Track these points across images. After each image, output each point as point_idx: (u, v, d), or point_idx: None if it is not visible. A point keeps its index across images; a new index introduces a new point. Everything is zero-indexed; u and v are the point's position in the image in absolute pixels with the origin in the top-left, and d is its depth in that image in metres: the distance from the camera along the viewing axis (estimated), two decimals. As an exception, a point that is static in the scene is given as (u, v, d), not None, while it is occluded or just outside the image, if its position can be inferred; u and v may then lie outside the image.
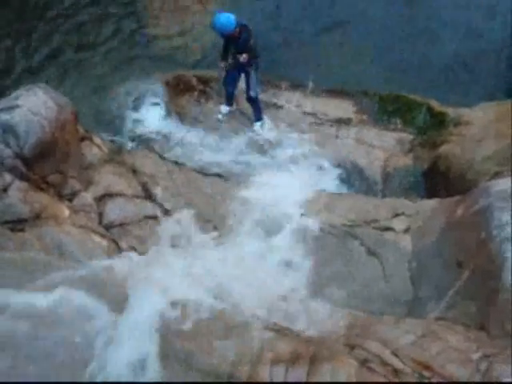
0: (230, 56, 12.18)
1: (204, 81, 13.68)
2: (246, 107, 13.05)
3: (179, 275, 8.53)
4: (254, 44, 12.05)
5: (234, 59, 12.10)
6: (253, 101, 12.73)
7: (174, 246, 9.59)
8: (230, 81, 12.72)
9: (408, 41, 15.56)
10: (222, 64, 12.32)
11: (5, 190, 9.01)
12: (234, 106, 13.17)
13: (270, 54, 14.35)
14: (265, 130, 12.92)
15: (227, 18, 11.74)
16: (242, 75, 12.54)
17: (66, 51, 15.18)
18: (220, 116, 13.10)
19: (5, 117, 9.40)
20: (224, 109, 13.11)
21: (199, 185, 10.84)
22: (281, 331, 7.91)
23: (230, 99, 13.05)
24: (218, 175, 11.28)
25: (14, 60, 14.81)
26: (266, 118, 13.00)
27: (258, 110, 12.91)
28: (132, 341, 7.36)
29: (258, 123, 12.91)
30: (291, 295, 8.84)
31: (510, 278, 7.27)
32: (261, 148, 12.35)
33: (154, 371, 7.16)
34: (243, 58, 11.97)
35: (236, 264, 9.18)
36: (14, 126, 9.29)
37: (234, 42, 11.98)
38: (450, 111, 12.76)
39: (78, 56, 15.06)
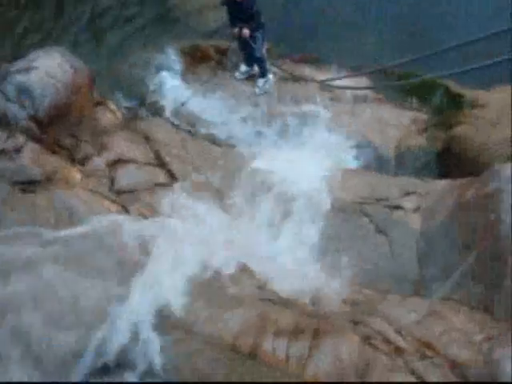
0: (237, 23, 12.15)
1: (221, 51, 13.61)
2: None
3: (185, 241, 8.59)
4: (256, 12, 12.00)
5: (240, 30, 12.08)
6: (258, 60, 12.75)
7: (181, 213, 9.59)
8: (244, 45, 12.69)
9: (430, 20, 15.37)
10: (235, 31, 12.26)
11: (18, 150, 9.05)
12: (255, 69, 13.09)
13: (283, 30, 14.29)
14: (265, 87, 12.95)
15: None
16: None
17: (83, 18, 15.13)
18: (238, 74, 13.08)
19: (21, 78, 9.43)
20: (243, 67, 13.09)
21: (212, 154, 10.82)
22: (285, 304, 7.96)
23: (248, 60, 13.02)
24: (231, 145, 11.27)
25: (34, 23, 14.80)
26: (271, 77, 13.00)
27: (262, 68, 12.94)
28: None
29: (262, 79, 12.94)
30: (298, 269, 8.88)
31: (517, 261, 7.30)
32: (274, 120, 12.29)
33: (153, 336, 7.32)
34: (244, 33, 11.97)
35: (244, 234, 9.21)
36: (29, 88, 9.32)
37: (237, 9, 11.91)
38: (467, 93, 12.67)
39: (96, 24, 15.02)
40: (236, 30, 12.18)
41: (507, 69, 11.84)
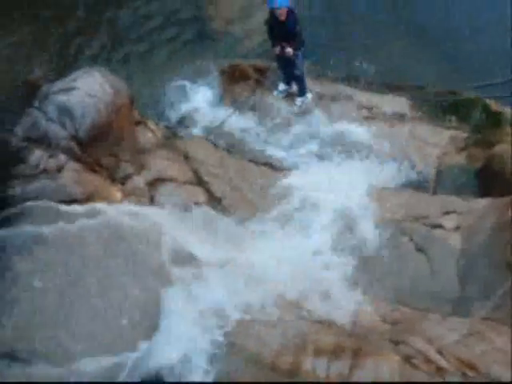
0: (278, 42, 12.19)
1: (260, 70, 13.65)
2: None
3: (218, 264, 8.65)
4: (299, 30, 12.04)
5: (282, 49, 12.12)
6: (298, 79, 12.79)
7: (220, 231, 9.61)
8: (284, 64, 12.73)
9: (467, 34, 15.33)
10: (277, 50, 12.30)
11: (59, 170, 9.14)
12: (293, 88, 13.12)
13: (322, 46, 14.38)
14: (304, 105, 12.96)
15: None
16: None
17: (125, 36, 15.31)
18: (276, 92, 13.12)
19: (62, 98, 9.54)
20: (281, 86, 13.13)
21: (250, 173, 10.87)
22: (325, 323, 7.94)
23: (286, 79, 13.06)
24: (270, 164, 11.29)
25: (76, 47, 14.96)
26: (309, 96, 13.02)
27: (302, 86, 12.97)
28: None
29: (300, 98, 12.98)
30: (337, 288, 8.86)
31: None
32: (313, 138, 12.29)
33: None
34: (288, 52, 12.03)
35: (281, 255, 9.20)
36: (70, 108, 9.43)
37: (280, 27, 11.94)
38: (506, 110, 12.60)
39: (136, 44, 15.17)
40: (278, 48, 12.22)
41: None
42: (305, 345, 7.50)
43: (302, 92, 12.93)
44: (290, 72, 12.77)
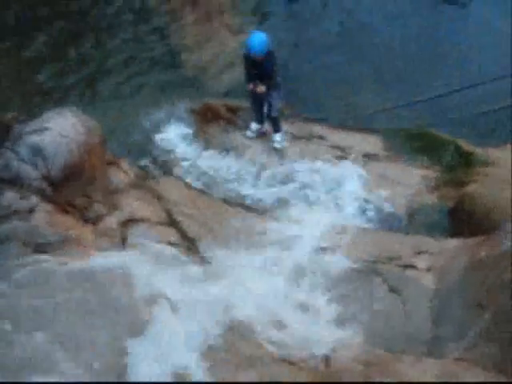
0: (253, 79, 12.25)
1: (232, 110, 13.72)
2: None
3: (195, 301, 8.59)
4: (276, 71, 12.11)
5: (255, 86, 12.18)
6: (274, 120, 12.83)
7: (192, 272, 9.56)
8: (257, 101, 12.76)
9: (438, 76, 15.52)
10: (251, 86, 12.34)
11: (31, 211, 9.05)
12: (265, 127, 13.16)
13: (294, 87, 14.47)
14: (283, 141, 13.04)
15: (262, 40, 11.73)
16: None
17: (97, 75, 15.34)
18: (249, 133, 13.13)
19: (34, 138, 9.48)
20: (254, 125, 13.12)
21: (223, 214, 10.83)
22: (298, 364, 7.90)
23: (258, 116, 13.07)
24: (243, 205, 11.29)
25: (45, 81, 14.98)
26: (283, 131, 13.12)
27: (277, 125, 13.03)
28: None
29: (277, 134, 13.03)
30: (310, 328, 8.82)
31: (532, 322, 7.23)
32: (286, 179, 12.33)
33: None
34: (260, 89, 12.08)
35: (255, 295, 9.16)
36: (42, 148, 9.37)
37: (258, 67, 11.99)
38: (478, 150, 12.73)
39: (107, 80, 15.20)
40: (250, 85, 12.26)
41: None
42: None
43: (277, 129, 12.98)
44: (262, 111, 12.81)
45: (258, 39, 11.73)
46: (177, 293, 8.68)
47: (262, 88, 12.11)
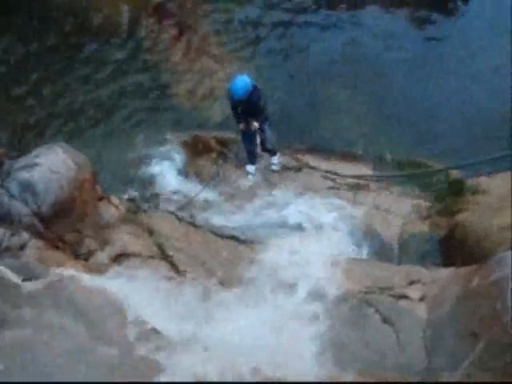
0: (243, 117, 12.30)
1: (223, 142, 13.76)
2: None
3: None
4: (264, 104, 12.18)
5: (247, 124, 12.23)
6: (271, 152, 12.91)
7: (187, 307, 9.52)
8: (250, 139, 12.80)
9: (424, 104, 15.60)
10: (241, 126, 12.40)
11: (21, 248, 9.04)
12: (258, 163, 13.19)
13: (285, 120, 14.54)
14: (279, 164, 13.29)
15: (244, 83, 11.80)
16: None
17: (87, 109, 15.37)
18: (250, 176, 13.15)
19: (24, 175, 9.49)
20: (251, 168, 13.16)
21: (215, 247, 10.81)
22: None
23: (253, 157, 13.10)
24: (235, 237, 11.26)
25: (34, 116, 15.01)
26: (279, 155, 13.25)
27: (272, 151, 13.25)
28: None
29: (274, 157, 13.33)
30: (303, 361, 8.77)
31: (525, 351, 7.21)
32: (277, 210, 12.34)
33: None
34: (254, 126, 12.17)
35: (245, 328, 9.11)
36: (33, 184, 9.37)
37: (246, 106, 12.05)
38: (468, 179, 12.76)
39: (98, 114, 15.24)
40: (243, 124, 12.32)
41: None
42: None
43: (274, 152, 13.08)
44: (256, 149, 12.86)
45: (240, 83, 11.82)
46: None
47: (255, 125, 12.20)
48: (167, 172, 13.36)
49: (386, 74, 16.40)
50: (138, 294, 9.25)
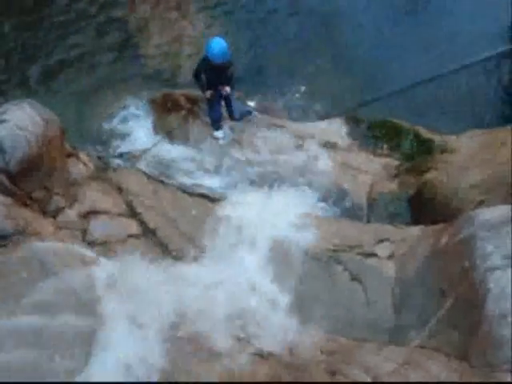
0: (213, 84, 12.16)
1: (192, 100, 13.61)
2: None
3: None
4: (234, 71, 12.08)
5: (216, 91, 12.10)
6: (237, 120, 12.82)
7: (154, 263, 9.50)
8: (217, 107, 12.64)
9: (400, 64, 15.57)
10: (208, 94, 12.22)
11: (-12, 204, 8.98)
12: (225, 126, 13.09)
13: (259, 78, 14.48)
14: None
15: (224, 48, 11.58)
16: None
17: (56, 67, 15.16)
18: (221, 141, 12.96)
19: (-9, 131, 9.38)
20: (219, 133, 12.95)
21: (184, 204, 10.77)
22: (261, 356, 7.90)
23: (219, 123, 12.92)
24: (203, 195, 11.21)
25: (2, 74, 14.80)
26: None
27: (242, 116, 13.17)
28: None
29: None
30: (273, 319, 8.81)
31: (492, 308, 7.26)
32: (247, 168, 12.29)
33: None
34: (225, 91, 12.03)
35: (214, 285, 9.13)
36: (0, 141, 9.25)
37: (220, 73, 11.88)
38: (437, 138, 12.78)
39: (67, 72, 15.05)
40: (209, 92, 12.18)
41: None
42: (241, 377, 7.46)
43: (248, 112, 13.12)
44: (221, 115, 12.74)
45: (219, 47, 11.53)
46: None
47: (227, 90, 12.05)
48: (136, 130, 13.24)
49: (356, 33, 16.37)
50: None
